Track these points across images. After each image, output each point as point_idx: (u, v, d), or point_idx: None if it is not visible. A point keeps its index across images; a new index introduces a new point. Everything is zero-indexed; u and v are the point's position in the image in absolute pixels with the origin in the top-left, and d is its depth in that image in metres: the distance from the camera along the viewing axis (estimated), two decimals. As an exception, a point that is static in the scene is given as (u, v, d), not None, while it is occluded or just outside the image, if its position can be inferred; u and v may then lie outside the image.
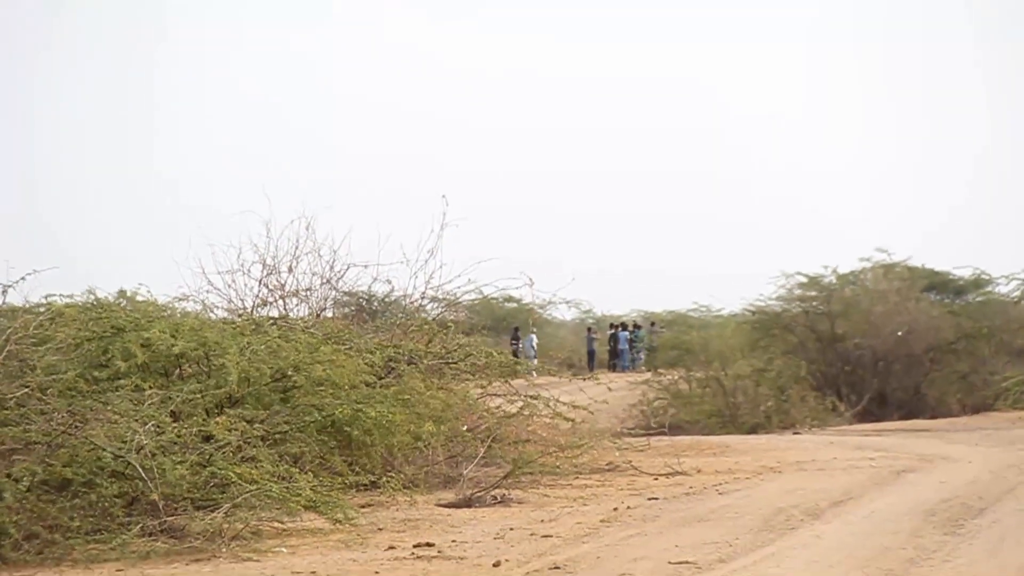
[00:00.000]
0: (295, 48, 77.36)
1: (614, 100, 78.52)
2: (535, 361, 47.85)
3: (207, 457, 14.55)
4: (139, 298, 19.22)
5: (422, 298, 23.79)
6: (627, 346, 52.56)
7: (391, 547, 14.14)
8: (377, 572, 12.93)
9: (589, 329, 55.90)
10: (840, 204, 71.01)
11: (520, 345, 47.95)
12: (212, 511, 14.19)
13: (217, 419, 15.23)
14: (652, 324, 56.02)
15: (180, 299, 20.33)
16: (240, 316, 21.08)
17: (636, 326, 54.73)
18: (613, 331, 53.56)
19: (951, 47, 73.50)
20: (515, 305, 52.64)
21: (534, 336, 51.07)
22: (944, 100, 76.01)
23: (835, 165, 74.50)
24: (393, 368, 19.20)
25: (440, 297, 24.14)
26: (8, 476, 13.57)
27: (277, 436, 15.82)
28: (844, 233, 64.51)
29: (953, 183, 70.59)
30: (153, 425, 14.45)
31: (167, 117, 72.08)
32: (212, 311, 21.36)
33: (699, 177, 75.60)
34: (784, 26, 79.27)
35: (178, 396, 15.48)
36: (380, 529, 15.28)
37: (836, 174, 74.37)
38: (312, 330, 18.90)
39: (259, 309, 22.08)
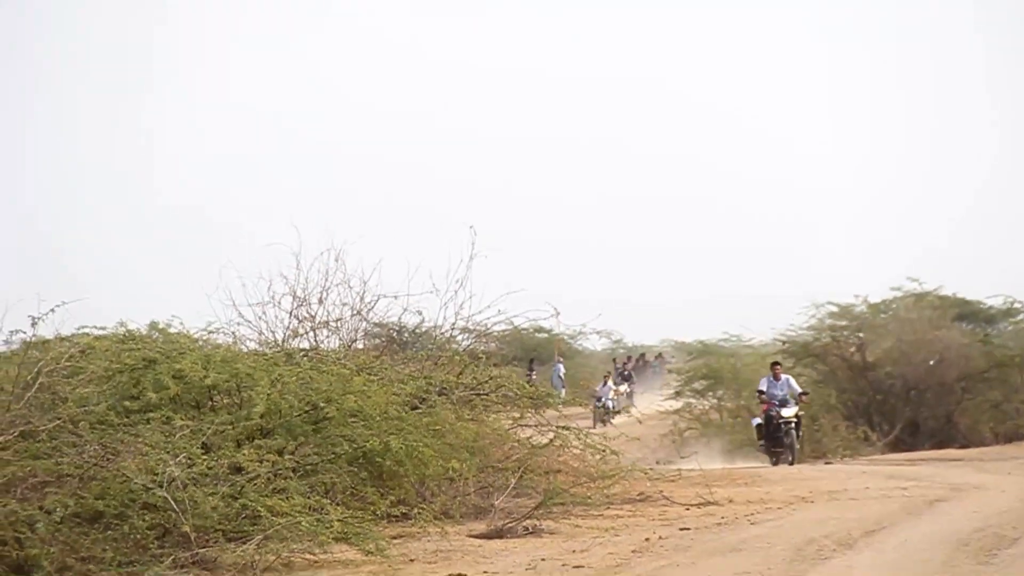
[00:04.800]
0: (312, 62, 77.54)
1: (631, 122, 78.69)
2: (563, 392, 47.75)
3: (238, 489, 14.56)
4: (171, 330, 19.24)
5: (452, 329, 23.79)
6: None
7: (423, 578, 14.14)
8: (409, 603, 12.93)
9: (615, 360, 55.91)
10: (846, 221, 71.10)
11: (534, 376, 47.75)
12: (243, 543, 14.19)
13: (245, 450, 15.22)
14: (657, 356, 56.21)
15: (211, 331, 20.37)
16: (271, 348, 21.10)
17: (641, 357, 54.92)
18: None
19: (958, 60, 73.53)
20: (545, 336, 52.60)
21: (561, 366, 50.87)
22: (950, 112, 76.07)
23: (842, 182, 74.58)
24: (424, 399, 19.19)
25: (470, 328, 24.13)
26: (40, 508, 13.59)
27: (308, 467, 15.81)
28: (853, 250, 64.57)
29: (958, 197, 70.57)
30: (184, 457, 14.46)
31: (185, 145, 72.23)
32: (243, 343, 21.39)
33: (703, 203, 75.80)
34: (793, 47, 79.41)
35: (209, 428, 15.48)
36: (412, 560, 15.26)
37: (843, 190, 74.43)
38: (343, 361, 18.90)
39: (290, 341, 22.09)
